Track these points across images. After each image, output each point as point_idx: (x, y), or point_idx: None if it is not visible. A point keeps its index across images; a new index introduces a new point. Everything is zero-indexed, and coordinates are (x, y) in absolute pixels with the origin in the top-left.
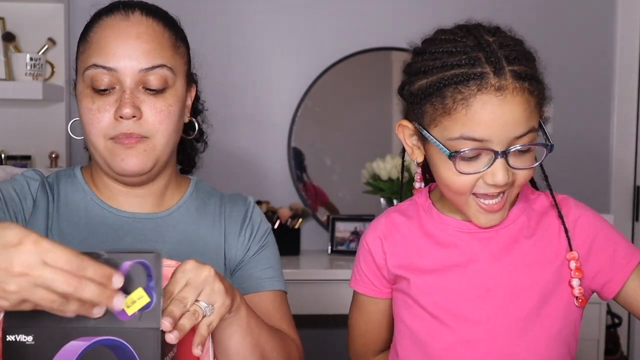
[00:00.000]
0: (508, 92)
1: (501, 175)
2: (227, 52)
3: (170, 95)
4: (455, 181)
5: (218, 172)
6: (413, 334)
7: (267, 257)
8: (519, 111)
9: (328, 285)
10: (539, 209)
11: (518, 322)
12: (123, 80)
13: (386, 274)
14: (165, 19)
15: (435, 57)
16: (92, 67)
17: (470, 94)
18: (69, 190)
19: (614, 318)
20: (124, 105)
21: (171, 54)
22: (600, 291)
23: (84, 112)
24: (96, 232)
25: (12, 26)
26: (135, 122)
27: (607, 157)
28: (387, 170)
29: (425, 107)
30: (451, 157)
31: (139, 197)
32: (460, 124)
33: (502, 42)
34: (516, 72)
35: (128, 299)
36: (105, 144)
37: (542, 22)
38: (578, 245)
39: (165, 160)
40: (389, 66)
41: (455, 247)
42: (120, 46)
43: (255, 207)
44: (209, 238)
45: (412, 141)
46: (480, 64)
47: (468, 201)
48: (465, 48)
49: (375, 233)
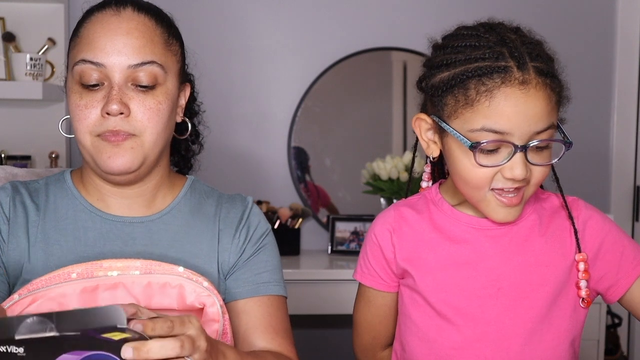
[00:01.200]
0: (531, 86)
1: (520, 170)
2: (228, 52)
3: (161, 92)
4: (474, 174)
5: (218, 172)
6: (421, 332)
7: (264, 260)
8: (541, 106)
9: (328, 285)
10: (549, 209)
11: (528, 322)
12: (111, 76)
13: (395, 268)
14: (158, 15)
15: (459, 50)
16: (81, 62)
17: (494, 86)
18: (58, 196)
19: (614, 318)
20: (111, 101)
21: (162, 51)
22: (605, 294)
23: (72, 107)
24: (84, 238)
25: (12, 26)
26: (122, 119)
27: (607, 157)
28: (387, 170)
29: (446, 99)
30: (472, 148)
31: (129, 199)
32: (482, 116)
33: (525, 40)
34: (539, 68)
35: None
36: (92, 141)
37: (541, 21)
38: (587, 247)
39: (154, 159)
40: (389, 66)
41: (466, 243)
42: (109, 41)
43: (254, 208)
44: (202, 241)
45: (427, 135)
46: (504, 58)
47: (487, 197)
48: (488, 43)
49: (384, 226)
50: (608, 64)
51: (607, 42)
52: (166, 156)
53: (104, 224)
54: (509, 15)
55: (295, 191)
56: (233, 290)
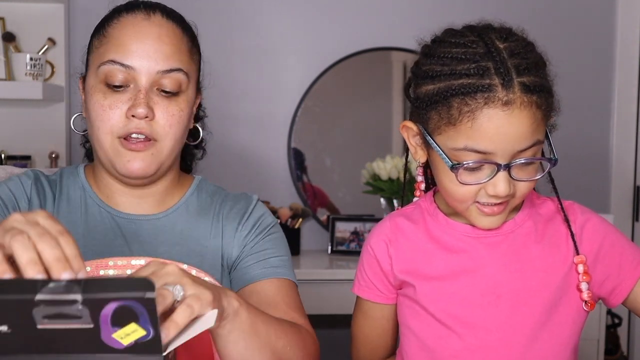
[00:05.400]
0: (515, 106)
1: (502, 187)
2: (228, 52)
3: (183, 100)
4: (457, 190)
5: (218, 172)
6: (420, 341)
7: (271, 247)
8: (525, 125)
9: (328, 285)
10: (545, 214)
11: (527, 329)
12: (139, 79)
13: (392, 280)
14: (184, 23)
15: (444, 62)
16: (109, 63)
17: (477, 107)
18: (71, 188)
19: (614, 318)
20: (138, 104)
21: (187, 59)
22: (608, 298)
23: (95, 106)
24: (93, 231)
25: (12, 26)
26: (146, 123)
27: (607, 157)
28: (387, 170)
29: (430, 113)
30: (453, 169)
31: (139, 198)
32: (465, 136)
33: (513, 50)
34: (525, 84)
35: (121, 331)
36: (112, 143)
37: (541, 21)
38: (585, 251)
39: (169, 164)
40: (389, 66)
41: (463, 252)
42: (140, 45)
43: (259, 204)
44: (207, 239)
45: (415, 141)
46: (489, 75)
47: (470, 207)
48: (474, 56)
49: (380, 237)
50: (608, 64)
51: (607, 43)
52: (178, 160)
53: (111, 220)
54: (509, 17)
55: (295, 191)
56: (242, 276)
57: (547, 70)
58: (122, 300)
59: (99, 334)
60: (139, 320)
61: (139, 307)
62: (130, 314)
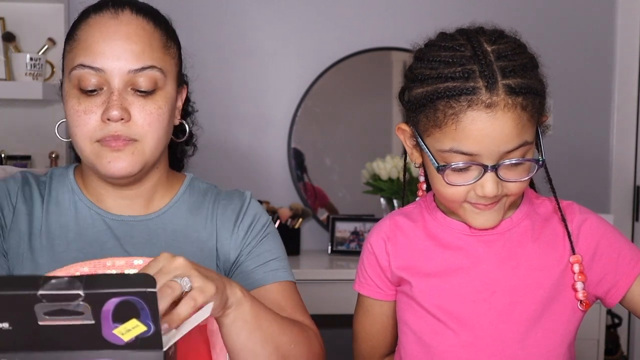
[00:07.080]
0: (499, 108)
1: (490, 188)
2: (228, 52)
3: (160, 97)
4: (446, 191)
5: (218, 172)
6: (417, 337)
7: (268, 249)
8: (509, 127)
9: (328, 285)
10: (543, 213)
11: (522, 326)
12: (111, 81)
13: (390, 276)
14: (156, 18)
15: (432, 66)
16: (79, 67)
17: (461, 110)
18: (60, 190)
19: (614, 318)
20: (111, 107)
21: (161, 55)
22: (605, 297)
23: (70, 112)
24: (84, 233)
25: (12, 26)
26: (123, 125)
27: (607, 157)
28: (387, 170)
29: (420, 116)
30: (439, 170)
31: (128, 199)
32: (450, 138)
33: (501, 53)
34: (510, 86)
35: (122, 327)
36: (91, 147)
37: (541, 22)
38: (582, 250)
39: (154, 162)
40: (389, 66)
41: (459, 250)
42: (108, 46)
43: (252, 201)
44: (200, 239)
45: (410, 143)
46: (474, 77)
47: (463, 205)
48: (461, 59)
49: (379, 235)
50: (608, 64)
51: (607, 43)
52: (164, 157)
53: (103, 222)
54: (509, 17)
55: (295, 191)
56: (243, 282)
57: (538, 72)
58: (124, 295)
59: (100, 330)
60: (140, 316)
61: (140, 302)
62: (131, 310)
